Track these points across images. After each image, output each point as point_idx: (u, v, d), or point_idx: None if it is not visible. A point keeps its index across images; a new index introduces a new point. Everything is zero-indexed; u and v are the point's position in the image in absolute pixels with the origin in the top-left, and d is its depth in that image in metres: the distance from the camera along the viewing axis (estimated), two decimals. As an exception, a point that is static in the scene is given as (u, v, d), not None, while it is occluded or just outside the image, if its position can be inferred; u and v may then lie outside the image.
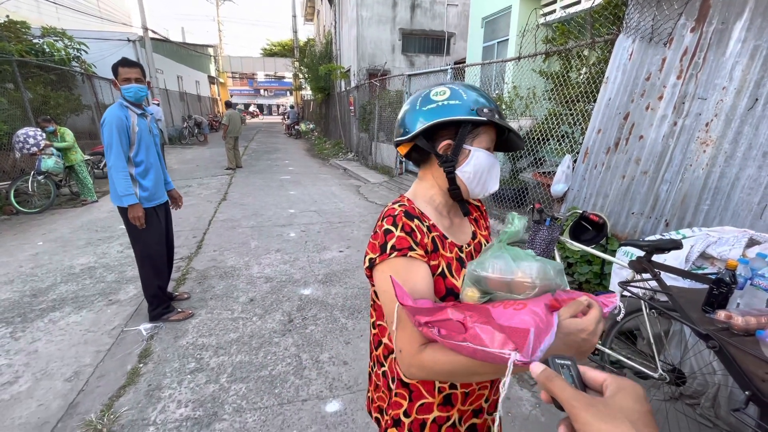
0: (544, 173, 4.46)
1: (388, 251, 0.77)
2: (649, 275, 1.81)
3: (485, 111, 0.80)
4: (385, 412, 0.94)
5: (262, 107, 54.24)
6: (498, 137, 0.88)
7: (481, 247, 0.94)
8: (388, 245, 0.78)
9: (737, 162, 2.43)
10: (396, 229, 0.79)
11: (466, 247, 0.89)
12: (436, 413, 0.88)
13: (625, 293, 1.93)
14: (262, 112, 52.92)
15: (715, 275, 1.48)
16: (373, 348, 0.98)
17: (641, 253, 1.86)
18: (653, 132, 2.92)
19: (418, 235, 0.79)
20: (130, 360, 2.52)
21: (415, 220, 0.81)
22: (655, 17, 2.88)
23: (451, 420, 0.89)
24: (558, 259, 2.64)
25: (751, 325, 1.29)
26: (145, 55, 13.35)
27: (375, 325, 0.95)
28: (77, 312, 3.09)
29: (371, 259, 0.80)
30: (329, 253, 4.41)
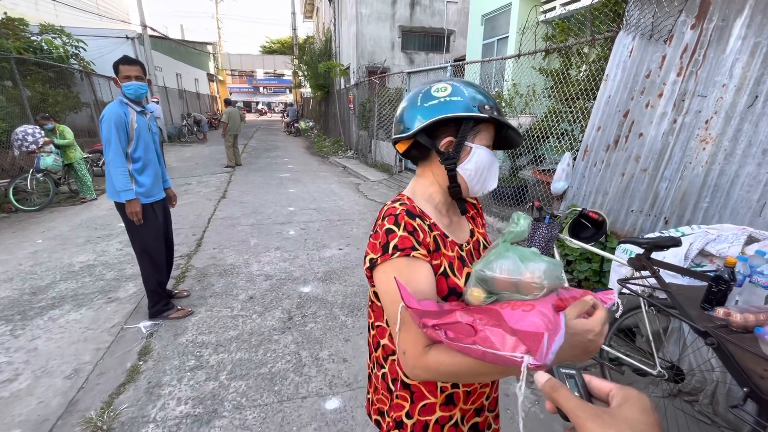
0: (543, 171, 4.46)
1: (390, 251, 0.75)
2: (648, 273, 1.81)
3: (486, 108, 0.79)
4: (386, 414, 0.92)
5: (270, 105, 51.38)
6: (495, 134, 0.88)
7: (480, 245, 0.93)
8: (390, 245, 0.76)
9: (737, 159, 2.43)
10: (398, 229, 0.77)
11: (466, 246, 0.89)
12: (439, 413, 0.87)
13: (624, 290, 1.93)
14: (270, 109, 49.33)
15: (714, 272, 1.48)
16: (372, 349, 0.96)
17: (640, 250, 1.86)
18: (653, 129, 2.92)
19: (421, 235, 0.78)
20: (130, 357, 2.53)
21: (417, 219, 0.79)
22: (656, 14, 2.87)
23: (454, 419, 0.88)
24: (557, 257, 2.64)
25: (750, 322, 1.29)
26: (144, 53, 13.30)
27: (373, 326, 0.93)
28: (77, 310, 3.09)
29: (372, 259, 0.79)
30: (329, 250, 4.41)
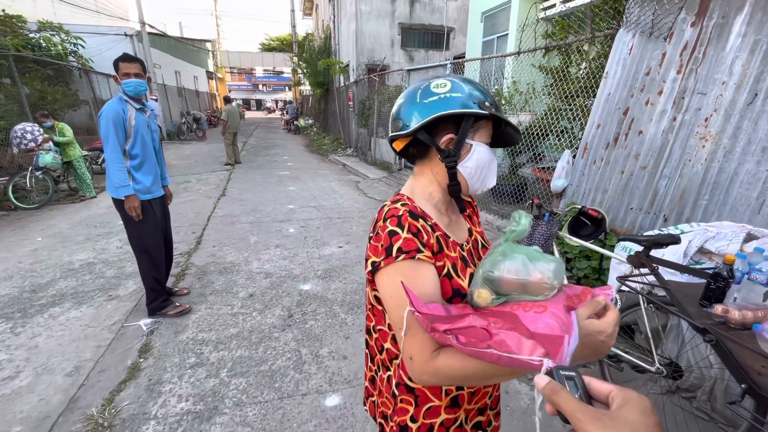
0: (543, 169, 4.47)
1: (395, 254, 0.73)
2: (647, 270, 1.82)
3: (486, 104, 0.78)
4: (389, 418, 0.90)
5: (277, 103, 49.41)
6: (493, 131, 0.86)
7: (478, 244, 0.92)
8: (394, 247, 0.73)
9: (736, 157, 2.43)
10: (402, 231, 0.74)
11: (466, 245, 0.87)
12: (444, 416, 0.85)
13: (623, 288, 1.93)
14: (278, 107, 45.71)
15: (713, 270, 1.49)
16: (375, 352, 0.93)
17: (640, 248, 1.87)
18: (652, 127, 2.92)
19: (425, 236, 0.76)
20: (131, 355, 2.53)
21: (420, 220, 0.77)
22: (656, 12, 2.87)
23: (458, 421, 0.87)
24: (557, 255, 2.64)
25: (748, 319, 1.30)
26: (143, 50, 13.25)
27: (375, 329, 0.91)
28: (77, 307, 3.10)
29: (374, 262, 0.76)
30: (328, 248, 4.41)
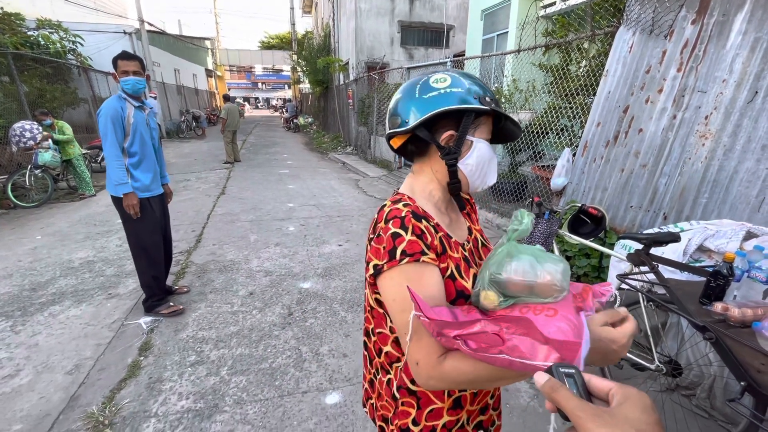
0: (543, 167, 4.46)
1: (399, 257, 0.71)
2: (647, 268, 1.82)
3: (486, 99, 0.76)
4: (389, 421, 0.88)
5: (269, 101, 49.02)
6: (492, 127, 0.85)
7: (478, 243, 0.90)
8: (398, 250, 0.71)
9: (736, 155, 2.43)
10: (406, 233, 0.72)
11: (467, 245, 0.85)
12: (446, 418, 0.84)
13: (623, 286, 1.94)
14: (277, 105, 44.47)
15: (713, 268, 1.49)
16: (374, 355, 0.91)
17: (639, 246, 1.87)
18: (652, 125, 2.91)
19: (428, 237, 0.73)
20: (131, 353, 2.54)
21: (423, 221, 0.75)
22: (656, 9, 2.86)
23: (460, 422, 0.86)
24: (557, 253, 2.65)
25: (748, 317, 1.30)
26: (142, 48, 13.23)
27: (374, 332, 0.89)
28: (77, 306, 3.10)
29: (377, 265, 0.73)
30: (328, 246, 4.41)
